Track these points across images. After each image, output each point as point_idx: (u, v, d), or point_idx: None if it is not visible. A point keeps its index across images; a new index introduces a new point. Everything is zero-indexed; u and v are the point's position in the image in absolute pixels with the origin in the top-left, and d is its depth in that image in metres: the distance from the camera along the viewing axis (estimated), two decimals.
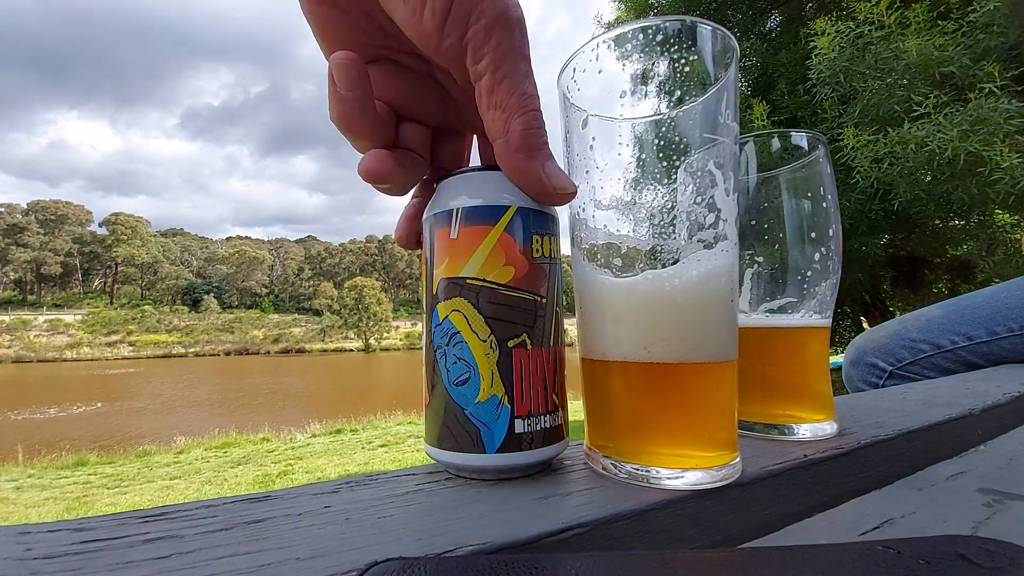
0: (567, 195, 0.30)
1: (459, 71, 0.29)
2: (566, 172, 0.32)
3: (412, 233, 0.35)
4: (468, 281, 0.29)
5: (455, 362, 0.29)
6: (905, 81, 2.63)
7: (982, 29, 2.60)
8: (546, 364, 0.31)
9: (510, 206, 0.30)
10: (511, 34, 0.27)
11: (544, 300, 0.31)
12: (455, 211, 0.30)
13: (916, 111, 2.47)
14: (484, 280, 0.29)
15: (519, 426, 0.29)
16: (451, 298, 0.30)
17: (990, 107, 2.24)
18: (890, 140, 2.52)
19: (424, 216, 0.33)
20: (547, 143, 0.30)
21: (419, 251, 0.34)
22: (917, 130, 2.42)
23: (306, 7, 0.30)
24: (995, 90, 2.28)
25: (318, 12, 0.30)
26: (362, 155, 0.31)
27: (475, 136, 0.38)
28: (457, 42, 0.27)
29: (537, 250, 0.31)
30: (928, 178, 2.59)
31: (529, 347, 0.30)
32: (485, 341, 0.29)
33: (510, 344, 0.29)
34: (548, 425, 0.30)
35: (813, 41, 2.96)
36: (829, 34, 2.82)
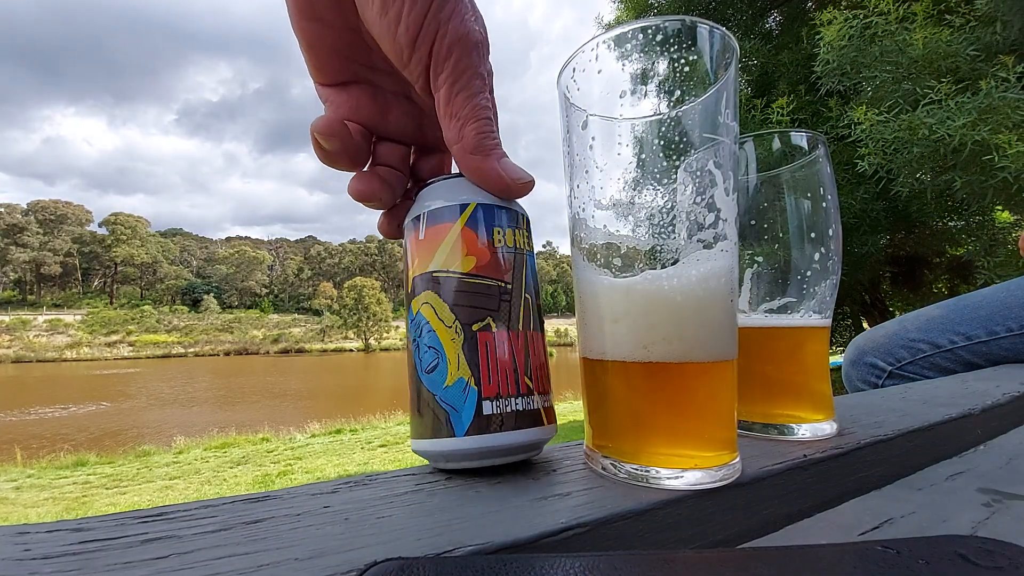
0: (524, 185, 0.33)
1: (424, 85, 0.32)
2: (565, 170, 0.33)
3: (392, 226, 0.37)
4: (434, 274, 0.31)
5: (426, 351, 0.31)
6: (911, 74, 2.63)
7: (985, 23, 2.60)
8: (515, 346, 0.31)
9: (470, 203, 0.32)
10: (469, 53, 0.30)
11: (510, 286, 0.32)
12: (422, 215, 0.32)
13: (928, 95, 2.46)
14: (447, 271, 0.31)
15: (487, 407, 0.29)
16: (422, 292, 0.32)
17: (999, 96, 2.24)
18: (900, 124, 2.51)
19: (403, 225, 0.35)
20: (500, 144, 0.32)
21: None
22: (927, 116, 2.42)
23: (296, 24, 0.32)
24: (1007, 78, 2.28)
25: (308, 28, 0.32)
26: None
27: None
28: (425, 56, 0.30)
29: (499, 240, 0.32)
30: (930, 168, 2.58)
31: (494, 329, 0.30)
32: (451, 327, 0.30)
33: (474, 328, 0.30)
34: (520, 408, 0.30)
35: (819, 32, 2.94)
36: (837, 23, 2.80)
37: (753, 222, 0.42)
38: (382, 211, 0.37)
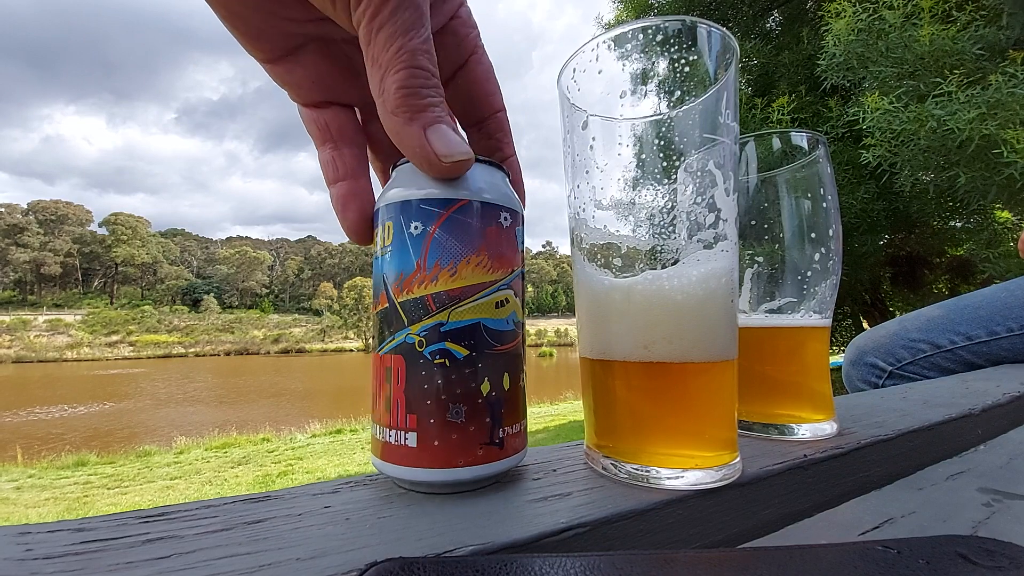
0: (454, 164, 0.26)
1: (350, 24, 0.25)
2: (566, 170, 0.32)
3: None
4: None
5: None
6: (916, 71, 2.63)
7: (991, 19, 2.60)
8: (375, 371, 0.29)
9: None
10: None
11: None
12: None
13: (940, 87, 2.45)
14: None
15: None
16: None
17: (1008, 92, 2.23)
18: (908, 115, 2.50)
19: None
20: (434, 104, 0.25)
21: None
22: (937, 108, 2.41)
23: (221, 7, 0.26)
24: (1015, 74, 2.27)
25: (234, 10, 0.26)
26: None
27: None
28: None
29: (375, 248, 0.29)
30: (935, 164, 2.57)
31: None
32: None
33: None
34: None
35: (826, 25, 2.93)
36: (846, 16, 2.79)
37: (753, 222, 0.43)
38: None
